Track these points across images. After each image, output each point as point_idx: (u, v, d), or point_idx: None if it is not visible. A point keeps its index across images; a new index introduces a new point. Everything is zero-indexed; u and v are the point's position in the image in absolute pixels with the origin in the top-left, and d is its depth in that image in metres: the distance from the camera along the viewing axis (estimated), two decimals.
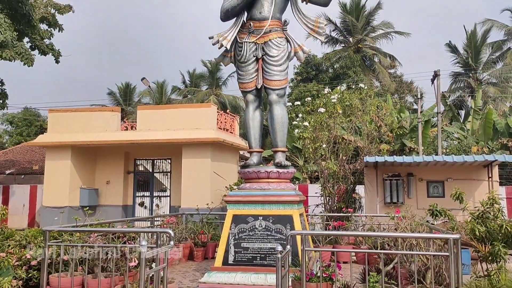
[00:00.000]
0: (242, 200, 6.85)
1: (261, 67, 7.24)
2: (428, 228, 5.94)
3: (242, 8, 7.26)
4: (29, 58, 13.61)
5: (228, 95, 35.27)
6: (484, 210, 4.89)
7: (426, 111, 21.36)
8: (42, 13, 15.74)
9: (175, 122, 14.47)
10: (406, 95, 33.49)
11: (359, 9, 33.17)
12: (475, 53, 31.83)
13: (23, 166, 20.68)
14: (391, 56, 33.39)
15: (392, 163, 11.29)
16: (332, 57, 32.26)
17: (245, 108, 7.60)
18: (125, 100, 37.68)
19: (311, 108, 13.31)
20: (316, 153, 12.42)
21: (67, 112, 15.89)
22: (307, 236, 5.58)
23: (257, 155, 7.44)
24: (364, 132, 12.99)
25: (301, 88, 29.54)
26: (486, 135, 19.25)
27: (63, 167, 14.93)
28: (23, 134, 33.73)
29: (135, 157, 16.34)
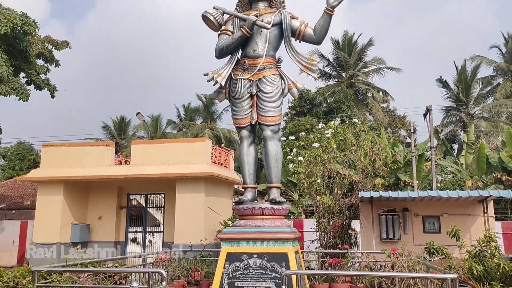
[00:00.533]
0: (236, 238, 6.72)
1: (255, 103, 7.28)
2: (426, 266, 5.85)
3: (236, 46, 7.38)
4: (24, 93, 13.67)
5: (223, 128, 35.47)
6: (481, 249, 4.83)
7: (420, 145, 21.51)
8: (39, 49, 15.93)
9: (169, 156, 14.45)
10: (399, 129, 33.82)
11: (351, 45, 33.94)
12: (465, 88, 32.44)
13: (14, 201, 20.38)
14: (383, 90, 33.94)
15: (387, 198, 11.24)
16: (326, 92, 32.73)
17: (240, 143, 7.60)
18: (119, 133, 37.74)
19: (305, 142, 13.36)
20: (311, 188, 12.37)
21: (61, 146, 15.83)
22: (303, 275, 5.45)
23: (252, 191, 7.38)
24: (359, 167, 12.98)
25: (296, 122, 29.76)
26: (480, 170, 19.33)
27: (55, 202, 14.74)
28: (15, 168, 33.46)
29: (129, 191, 16.18)
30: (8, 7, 13.76)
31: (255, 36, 7.27)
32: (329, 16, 7.22)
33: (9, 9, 13.61)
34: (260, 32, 7.27)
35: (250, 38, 7.26)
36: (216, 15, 7.43)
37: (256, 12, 7.33)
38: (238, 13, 7.46)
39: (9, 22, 13.11)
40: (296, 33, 7.38)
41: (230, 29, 7.40)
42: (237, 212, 7.19)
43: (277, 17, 7.38)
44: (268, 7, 7.56)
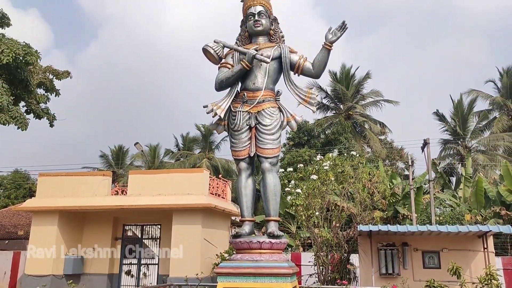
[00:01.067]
0: (233, 272, 6.58)
1: (254, 135, 7.29)
2: None
3: (236, 79, 7.46)
4: (23, 122, 13.69)
5: (221, 158, 35.43)
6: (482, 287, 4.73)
7: (418, 178, 21.46)
8: (40, 79, 16.07)
9: (167, 187, 14.35)
10: (397, 161, 33.85)
11: (348, 78, 34.42)
12: (462, 122, 32.70)
13: (8, 231, 20.06)
14: (381, 123, 34.19)
15: (386, 232, 11.11)
16: (324, 123, 32.94)
17: (238, 175, 7.56)
18: (117, 163, 37.64)
19: (303, 174, 13.34)
20: (309, 221, 12.26)
21: (58, 176, 15.72)
22: None
23: (249, 224, 7.28)
24: (357, 200, 12.92)
25: (294, 153, 29.78)
26: (479, 203, 19.22)
27: (49, 232, 14.50)
28: (11, 197, 33.12)
29: (124, 222, 15.98)
30: (11, 38, 13.97)
31: (255, 69, 7.37)
32: (327, 51, 7.34)
33: (12, 40, 13.81)
34: (260, 65, 7.37)
35: (249, 72, 7.35)
36: (216, 48, 7.55)
37: (256, 46, 7.45)
38: (238, 47, 7.58)
39: (11, 52, 13.28)
40: (295, 67, 7.48)
41: (230, 62, 7.50)
42: (234, 245, 7.07)
43: (277, 51, 7.50)
44: (267, 41, 7.69)
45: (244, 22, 7.81)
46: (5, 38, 13.78)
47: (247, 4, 7.70)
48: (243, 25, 7.88)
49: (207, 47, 7.50)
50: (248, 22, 7.64)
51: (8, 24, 15.03)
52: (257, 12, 7.56)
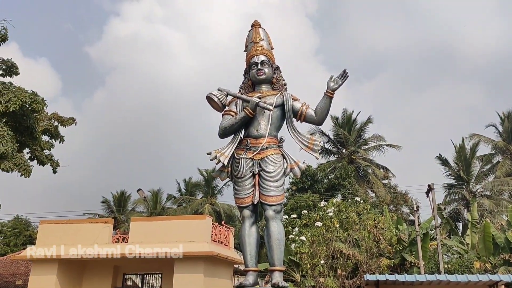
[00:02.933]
0: None
1: (257, 182, 7.23)
2: None
3: (239, 126, 7.51)
4: (26, 169, 13.71)
5: (224, 204, 35.12)
6: None
7: (424, 223, 21.10)
8: (45, 125, 16.24)
9: (169, 234, 14.12)
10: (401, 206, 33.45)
11: (350, 122, 34.71)
12: (466, 166, 32.58)
13: (5, 280, 19.58)
14: (384, 167, 34.09)
15: (394, 281, 10.78)
16: (327, 168, 32.86)
17: (241, 223, 7.44)
18: (118, 208, 37.32)
19: (307, 221, 13.16)
20: (314, 270, 11.96)
21: (59, 224, 15.53)
22: None
23: (253, 275, 7.08)
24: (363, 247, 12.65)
25: (297, 198, 29.53)
26: (487, 250, 18.79)
27: (48, 282, 14.13)
28: (10, 245, 32.63)
29: (124, 271, 15.61)
30: (19, 86, 14.26)
31: (258, 116, 7.43)
32: (329, 99, 7.43)
33: (19, 88, 14.09)
34: (263, 113, 7.44)
35: (253, 119, 7.41)
36: (220, 96, 7.65)
37: (259, 94, 7.55)
38: (242, 94, 7.69)
39: (18, 100, 13.50)
40: (298, 114, 7.56)
41: (234, 110, 7.58)
42: None
43: (279, 99, 7.60)
44: (270, 89, 7.80)
45: (247, 70, 7.96)
46: (12, 87, 14.07)
47: (250, 54, 7.89)
48: (246, 73, 8.03)
49: (211, 95, 7.61)
50: (251, 71, 7.79)
51: (16, 73, 15.40)
52: (260, 61, 7.73)
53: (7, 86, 13.97)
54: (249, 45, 8.01)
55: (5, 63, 15.20)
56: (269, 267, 7.11)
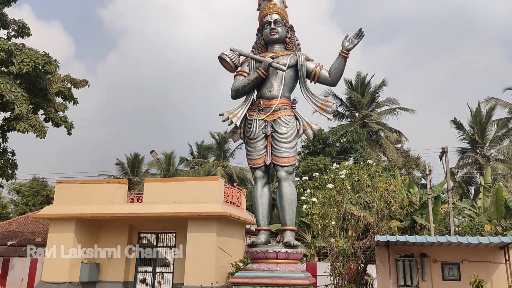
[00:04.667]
0: (249, 282, 6.52)
1: (270, 144, 7.25)
2: None
3: (252, 87, 7.45)
4: (42, 131, 13.87)
5: (236, 166, 35.41)
6: None
7: (436, 187, 21.05)
8: (59, 87, 16.31)
9: (182, 195, 14.36)
10: (413, 170, 33.36)
11: (364, 86, 34.18)
12: (481, 130, 32.12)
13: (25, 237, 20.30)
14: (397, 131, 33.77)
15: (404, 242, 10.89)
16: (339, 131, 32.67)
17: (254, 184, 7.52)
18: (132, 170, 37.91)
19: (319, 183, 13.19)
20: (325, 230, 12.10)
21: (75, 183, 15.88)
22: None
23: (265, 234, 7.22)
24: (374, 209, 12.71)
25: (308, 161, 29.60)
26: (499, 214, 18.76)
27: (66, 239, 14.62)
28: (28, 204, 33.62)
29: (139, 230, 16.02)
30: (31, 47, 14.23)
31: (271, 77, 7.35)
32: (344, 59, 7.29)
33: (32, 49, 14.06)
34: (276, 73, 7.36)
35: (265, 80, 7.34)
36: (232, 56, 7.56)
37: (272, 54, 7.44)
38: (254, 55, 7.58)
39: (31, 62, 13.50)
40: (312, 75, 7.45)
41: (246, 71, 7.50)
42: (250, 255, 7.01)
43: (293, 59, 7.48)
44: (283, 50, 7.68)
45: (260, 30, 7.81)
46: (25, 48, 14.04)
47: (263, 13, 7.71)
48: (259, 33, 7.88)
49: (223, 55, 7.51)
50: (264, 30, 7.65)
51: (28, 34, 15.32)
52: (273, 20, 7.57)
53: (20, 47, 13.94)
54: (262, 3, 7.82)
55: (16, 23, 15.10)
56: (281, 227, 7.23)
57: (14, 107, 13.09)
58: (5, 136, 15.36)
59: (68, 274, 14.26)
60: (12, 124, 13.60)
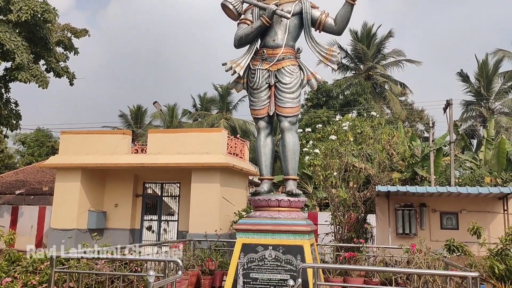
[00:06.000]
0: (251, 229, 6.71)
1: (273, 94, 7.21)
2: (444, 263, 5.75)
3: (255, 35, 7.30)
4: (44, 81, 13.81)
5: (239, 119, 35.44)
6: (504, 247, 4.71)
7: (438, 139, 21.13)
8: (59, 37, 16.07)
9: (185, 146, 14.48)
10: (416, 123, 33.34)
11: (370, 37, 33.45)
12: (487, 83, 31.74)
13: (33, 187, 20.74)
14: (402, 83, 33.43)
15: (404, 193, 11.09)
16: (343, 84, 32.36)
17: (257, 134, 7.55)
18: (136, 122, 38.03)
19: (322, 135, 13.25)
20: (327, 181, 12.28)
21: (79, 134, 16.00)
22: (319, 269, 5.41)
23: (268, 183, 7.34)
24: (376, 161, 12.83)
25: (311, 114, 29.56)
26: (500, 166, 18.92)
27: (72, 189, 14.93)
28: (34, 155, 34.03)
29: (144, 180, 16.31)
30: None
31: (275, 25, 7.19)
32: (350, 6, 7.09)
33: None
34: (280, 21, 7.18)
35: (269, 28, 7.18)
36: (235, 4, 7.35)
37: (276, 1, 7.23)
38: (258, 2, 7.36)
39: (29, 10, 13.22)
40: (317, 23, 7.27)
41: (250, 19, 7.32)
42: (253, 203, 7.17)
43: (298, 6, 7.28)
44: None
45: None
46: None
47: None
48: None
49: (226, 2, 7.31)
50: None
51: None
52: None
53: None
54: None
55: None
56: (283, 176, 7.34)
57: (14, 57, 12.97)
58: (8, 87, 15.32)
59: (76, 222, 14.69)
60: (13, 74, 13.54)
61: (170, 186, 16.41)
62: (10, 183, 21.37)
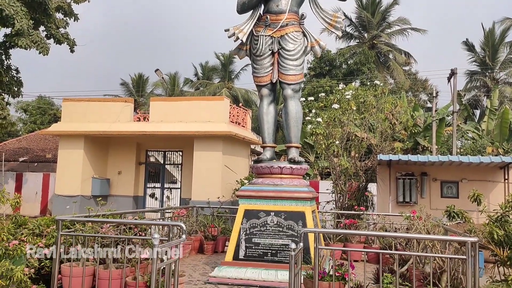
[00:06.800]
0: (254, 195, 6.80)
1: (276, 61, 7.15)
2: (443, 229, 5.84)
3: (259, 1, 7.17)
4: (44, 47, 13.67)
5: (241, 88, 35.18)
6: (504, 213, 4.77)
7: (441, 109, 21.04)
8: (58, 2, 15.79)
9: (188, 114, 14.46)
10: (420, 93, 33.09)
11: (375, 4, 32.76)
12: (492, 52, 31.29)
13: (36, 154, 20.88)
14: (406, 53, 32.97)
15: (406, 161, 11.13)
16: (346, 53, 31.94)
17: (260, 102, 7.53)
18: (137, 91, 37.82)
19: (324, 104, 13.18)
20: (329, 150, 12.31)
21: (81, 101, 15.97)
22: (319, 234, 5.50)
23: (270, 150, 7.37)
24: (378, 130, 12.82)
25: (314, 83, 29.33)
26: (502, 136, 18.91)
27: (75, 156, 15.03)
28: (37, 122, 34.06)
29: (147, 148, 16.38)
30: None
31: None
32: None
33: None
34: None
35: None
36: None
37: None
38: None
39: None
40: None
41: None
42: (255, 170, 7.22)
43: None
44: None
45: None
46: None
47: None
48: None
49: None
50: None
51: None
52: None
53: None
54: None
55: None
56: (286, 144, 7.36)
57: (14, 22, 12.79)
58: (8, 53, 15.18)
59: (80, 188, 14.87)
60: (13, 40, 13.38)
61: (173, 155, 16.50)
62: (14, 150, 21.50)
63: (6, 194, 4.80)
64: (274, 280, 6.16)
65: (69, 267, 5.11)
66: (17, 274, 4.31)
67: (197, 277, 6.76)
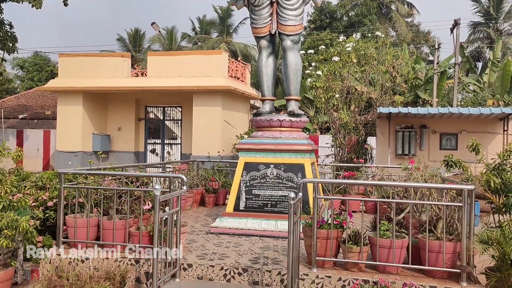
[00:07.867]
0: (254, 148, 6.84)
1: (275, 11, 6.97)
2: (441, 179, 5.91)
3: None
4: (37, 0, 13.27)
5: (239, 43, 34.57)
6: (501, 162, 4.81)
7: (443, 62, 20.74)
8: None
9: (186, 69, 14.28)
10: (422, 46, 32.55)
11: None
12: (497, 2, 30.49)
13: (35, 111, 20.82)
14: (409, 3, 32.14)
15: (406, 114, 11.12)
16: (348, 4, 31.14)
17: (258, 54, 7.41)
18: (134, 46, 37.19)
19: (324, 57, 12.98)
20: (328, 103, 12.26)
21: (77, 57, 15.73)
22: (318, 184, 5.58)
23: (270, 103, 7.34)
24: (378, 83, 12.71)
25: (314, 36, 28.80)
26: (503, 88, 18.76)
27: (75, 112, 15.00)
28: (34, 79, 33.73)
29: (146, 104, 16.32)
30: None
31: None
32: None
33: None
34: None
35: None
36: None
37: None
38: None
39: None
40: None
41: None
42: (255, 123, 7.22)
43: None
44: None
45: None
46: None
47: None
48: None
49: None
50: None
51: None
52: None
53: None
54: None
55: None
56: (285, 97, 7.32)
57: None
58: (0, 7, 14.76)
59: (81, 144, 14.96)
60: None
61: (172, 111, 16.45)
62: (12, 107, 21.42)
63: (7, 147, 4.82)
64: (274, 229, 6.31)
65: (74, 218, 5.22)
66: (22, 224, 4.42)
67: (199, 227, 6.93)
